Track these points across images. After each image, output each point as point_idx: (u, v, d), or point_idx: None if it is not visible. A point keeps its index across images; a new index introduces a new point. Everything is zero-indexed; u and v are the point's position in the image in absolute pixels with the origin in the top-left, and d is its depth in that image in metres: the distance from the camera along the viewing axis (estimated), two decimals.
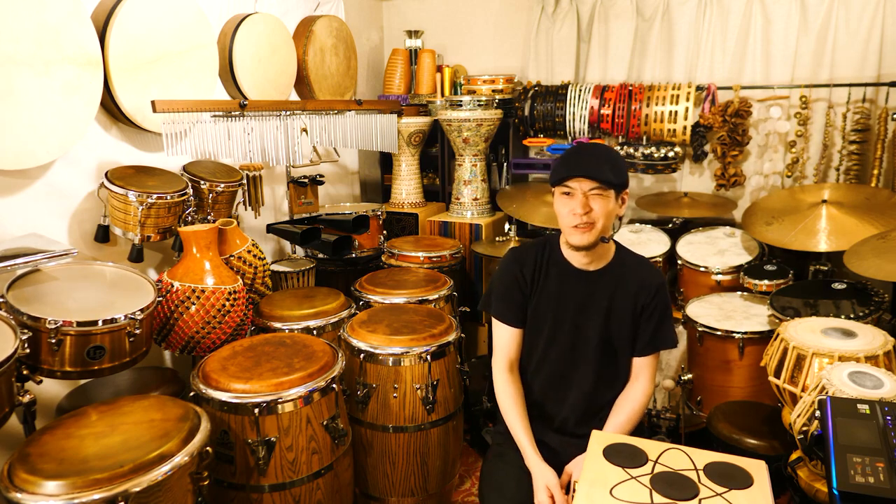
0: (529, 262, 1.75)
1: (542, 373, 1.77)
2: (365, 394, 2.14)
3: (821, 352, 1.77)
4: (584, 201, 1.59)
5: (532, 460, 1.62)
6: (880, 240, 2.28)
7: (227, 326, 2.13)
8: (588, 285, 1.72)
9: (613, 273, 1.72)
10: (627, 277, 1.72)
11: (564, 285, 1.72)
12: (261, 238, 2.93)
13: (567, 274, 1.73)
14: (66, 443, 1.45)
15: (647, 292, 1.70)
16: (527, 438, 1.66)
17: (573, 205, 1.60)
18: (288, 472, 1.78)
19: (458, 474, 2.52)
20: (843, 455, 1.23)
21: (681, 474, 1.25)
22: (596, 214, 1.59)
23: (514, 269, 1.75)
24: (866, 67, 2.86)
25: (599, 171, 1.57)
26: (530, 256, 1.76)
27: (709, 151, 3.22)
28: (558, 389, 1.76)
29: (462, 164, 3.35)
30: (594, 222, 1.60)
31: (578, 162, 1.60)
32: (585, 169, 1.57)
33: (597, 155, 1.61)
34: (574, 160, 1.61)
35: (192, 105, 2.26)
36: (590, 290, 1.71)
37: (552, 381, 1.76)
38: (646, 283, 1.71)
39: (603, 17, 3.34)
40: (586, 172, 1.57)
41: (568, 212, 1.61)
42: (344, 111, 2.96)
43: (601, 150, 1.65)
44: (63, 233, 2.16)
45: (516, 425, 1.69)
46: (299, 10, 3.22)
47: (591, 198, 1.59)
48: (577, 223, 1.60)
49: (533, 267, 1.75)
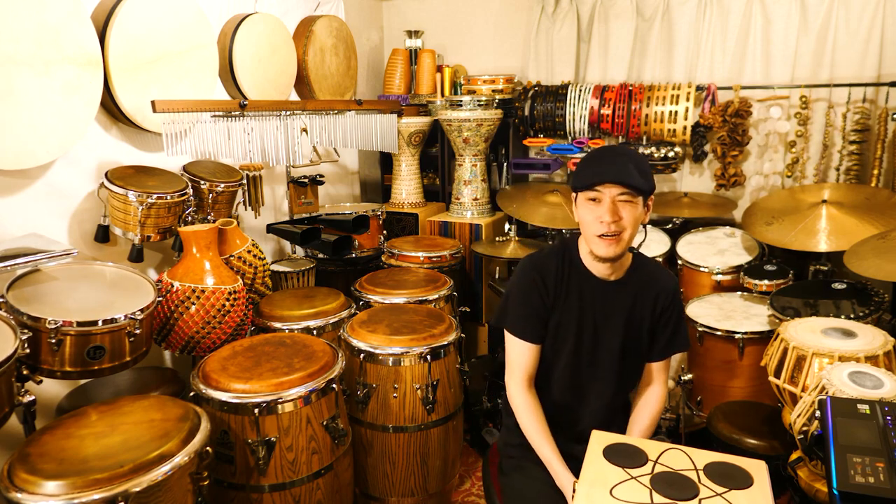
0: (551, 272, 1.62)
1: (560, 384, 1.68)
2: (365, 394, 2.14)
3: (821, 352, 1.77)
4: (613, 208, 1.47)
5: (563, 476, 1.53)
6: (880, 240, 2.28)
7: (227, 326, 2.13)
8: (609, 295, 1.63)
9: (633, 282, 1.64)
10: (646, 284, 1.64)
11: (585, 296, 1.63)
12: (261, 238, 2.93)
13: (588, 284, 1.63)
14: (66, 443, 1.45)
15: (664, 297, 1.64)
16: (555, 456, 1.57)
17: (600, 212, 1.48)
18: (288, 472, 1.78)
19: (458, 474, 2.52)
20: (843, 455, 1.23)
21: (681, 474, 1.25)
22: (625, 223, 1.48)
23: (535, 281, 1.62)
24: (866, 67, 2.86)
25: (630, 175, 1.45)
26: (551, 265, 1.63)
27: (709, 151, 3.22)
28: (579, 399, 1.69)
29: (462, 164, 3.35)
30: (622, 231, 1.49)
31: (607, 165, 1.48)
32: (616, 173, 1.45)
33: (625, 158, 1.49)
34: (602, 163, 1.50)
35: (192, 105, 2.26)
36: (610, 301, 1.63)
37: (573, 392, 1.68)
38: (663, 289, 1.64)
39: (603, 17, 3.34)
40: (617, 177, 1.45)
41: (594, 219, 1.50)
42: (344, 111, 2.96)
43: (629, 151, 1.53)
44: (63, 233, 2.16)
45: (542, 443, 1.60)
46: (299, 10, 3.22)
47: (619, 204, 1.48)
48: (605, 231, 1.48)
49: (555, 277, 1.62)
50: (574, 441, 1.66)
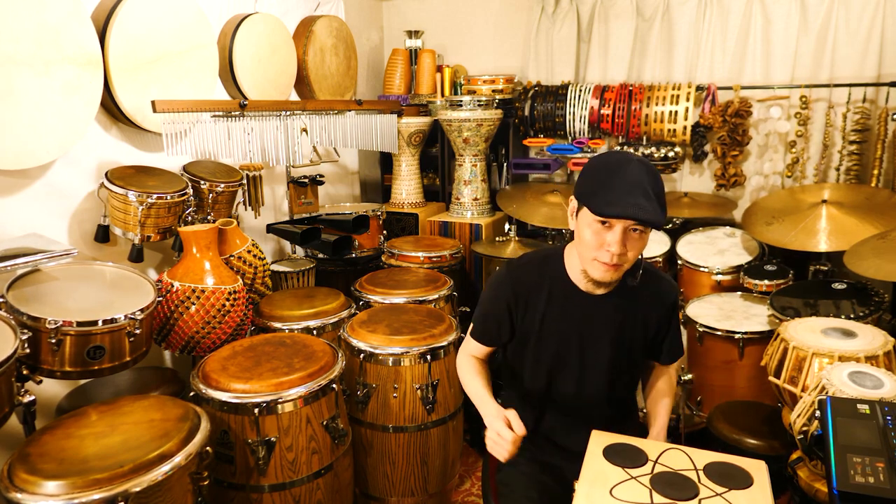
0: (524, 282, 1.55)
1: (552, 409, 1.63)
2: (365, 394, 2.14)
3: (821, 352, 1.77)
4: (622, 239, 1.35)
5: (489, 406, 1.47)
6: (880, 240, 2.28)
7: (227, 326, 2.13)
8: (594, 309, 1.53)
9: (623, 295, 1.53)
10: (638, 297, 1.54)
11: (568, 309, 1.54)
12: (261, 238, 2.93)
13: (572, 297, 1.54)
14: (66, 443, 1.45)
15: (660, 309, 1.56)
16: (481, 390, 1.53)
17: (608, 240, 1.36)
18: (288, 472, 1.78)
19: (458, 474, 2.52)
20: (843, 455, 1.23)
21: (681, 474, 1.25)
22: (629, 258, 1.39)
23: (505, 287, 1.56)
24: (866, 67, 2.86)
25: (649, 210, 1.31)
26: (528, 275, 1.56)
27: (709, 151, 3.22)
28: (574, 426, 1.60)
29: (462, 164, 3.35)
30: (624, 264, 1.41)
31: (624, 195, 1.32)
32: (635, 209, 1.31)
33: (644, 185, 1.33)
34: (618, 190, 1.33)
35: (192, 105, 2.26)
36: (597, 315, 1.54)
37: (566, 419, 1.63)
38: (658, 300, 1.56)
39: (603, 17, 3.34)
40: (635, 213, 1.31)
41: (598, 244, 1.38)
42: (344, 111, 2.96)
43: (648, 175, 1.36)
44: (63, 233, 2.16)
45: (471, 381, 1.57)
46: (299, 10, 3.22)
47: (629, 234, 1.36)
48: (608, 260, 1.38)
49: (528, 287, 1.55)
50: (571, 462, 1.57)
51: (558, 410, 1.65)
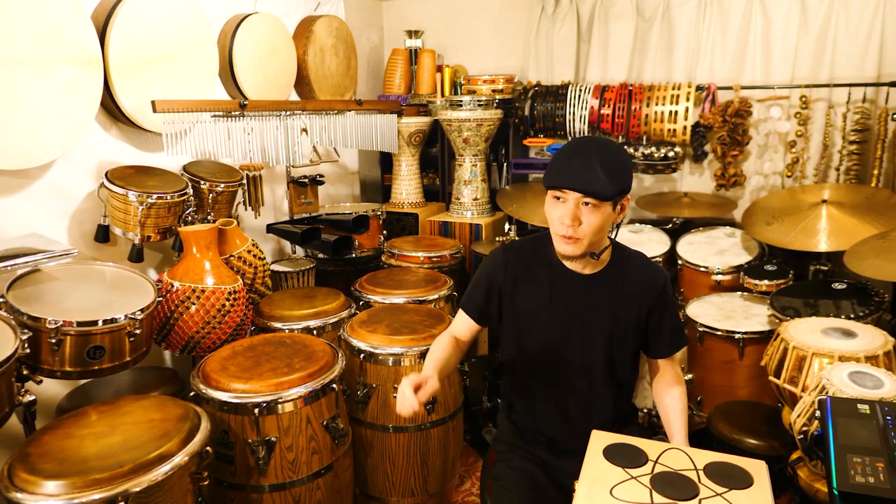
0: (512, 260, 1.63)
1: (546, 401, 1.63)
2: (365, 394, 2.14)
3: (821, 352, 1.77)
4: (575, 212, 1.44)
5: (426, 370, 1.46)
6: (880, 240, 2.28)
7: (227, 326, 2.13)
8: (582, 289, 1.58)
9: (611, 276, 1.58)
10: (627, 281, 1.58)
11: (556, 289, 1.59)
12: (261, 238, 2.93)
13: (560, 277, 1.59)
14: (66, 443, 1.45)
15: (649, 295, 1.58)
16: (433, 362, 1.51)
17: (562, 213, 1.45)
18: (288, 472, 1.78)
19: (458, 474, 2.52)
20: (843, 455, 1.23)
21: (681, 474, 1.25)
22: (583, 231, 1.45)
23: (498, 261, 1.64)
24: (866, 67, 2.86)
25: (594, 181, 1.39)
26: (520, 252, 1.64)
27: (709, 151, 3.22)
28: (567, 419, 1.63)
29: (462, 164, 3.35)
30: (581, 237, 1.46)
31: (572, 168, 1.42)
32: (580, 180, 1.40)
33: (594, 159, 1.41)
34: (570, 164, 1.43)
35: (192, 105, 2.26)
36: (585, 295, 1.58)
37: (559, 413, 1.63)
38: (647, 286, 1.58)
39: (603, 17, 3.34)
40: (577, 184, 1.40)
41: (556, 218, 1.48)
42: (344, 111, 2.96)
43: (600, 152, 1.43)
44: (63, 233, 2.16)
45: (432, 353, 1.55)
46: (299, 10, 3.22)
47: (582, 208, 1.43)
48: (564, 233, 1.47)
49: (518, 263, 1.62)
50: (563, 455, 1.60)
51: (552, 401, 1.64)
